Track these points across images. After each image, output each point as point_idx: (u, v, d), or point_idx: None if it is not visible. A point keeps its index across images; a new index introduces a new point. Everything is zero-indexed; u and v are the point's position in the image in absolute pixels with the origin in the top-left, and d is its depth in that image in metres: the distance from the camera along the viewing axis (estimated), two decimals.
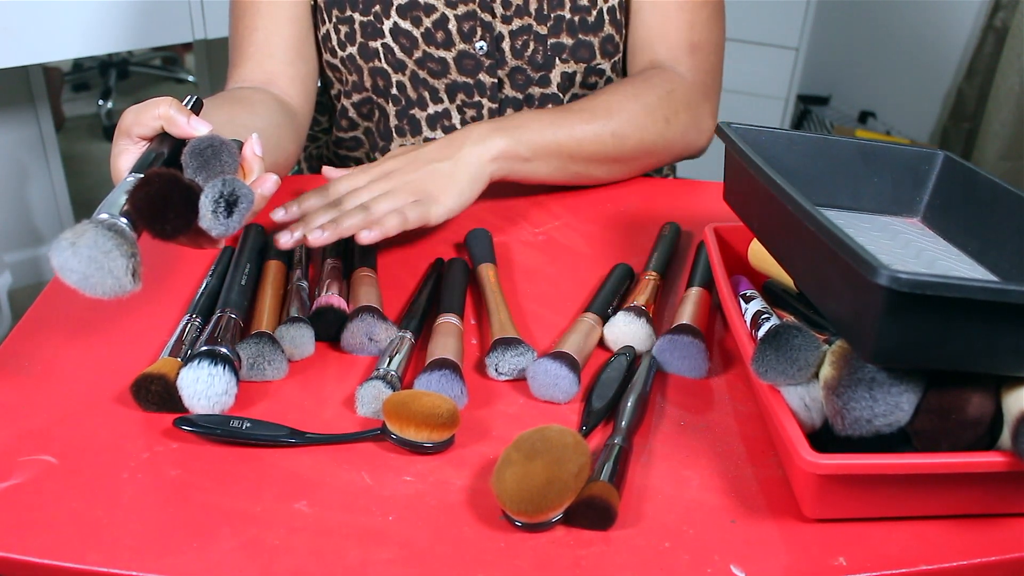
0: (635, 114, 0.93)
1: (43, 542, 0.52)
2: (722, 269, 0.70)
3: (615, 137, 0.92)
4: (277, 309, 0.72)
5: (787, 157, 0.73)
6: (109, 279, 0.55)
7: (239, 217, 0.59)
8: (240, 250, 0.78)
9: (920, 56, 2.84)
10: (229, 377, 0.61)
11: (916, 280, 0.47)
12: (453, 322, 0.70)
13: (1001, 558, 0.54)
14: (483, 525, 0.54)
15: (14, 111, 2.14)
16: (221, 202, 0.58)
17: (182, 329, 0.68)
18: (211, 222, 0.58)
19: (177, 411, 0.61)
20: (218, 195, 0.58)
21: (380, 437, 0.60)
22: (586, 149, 0.91)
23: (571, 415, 0.64)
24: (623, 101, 0.93)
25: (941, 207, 0.74)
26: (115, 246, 0.54)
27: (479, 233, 0.84)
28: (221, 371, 0.60)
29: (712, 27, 1.00)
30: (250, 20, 0.95)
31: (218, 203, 0.58)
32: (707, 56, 1.00)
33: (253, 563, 0.51)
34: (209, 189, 0.58)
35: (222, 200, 0.58)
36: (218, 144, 0.63)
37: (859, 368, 0.52)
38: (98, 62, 3.49)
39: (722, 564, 0.52)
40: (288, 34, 0.96)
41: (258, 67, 0.95)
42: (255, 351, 0.65)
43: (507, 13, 0.96)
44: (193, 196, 0.58)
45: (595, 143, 0.92)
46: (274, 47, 0.96)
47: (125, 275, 0.55)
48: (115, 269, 0.54)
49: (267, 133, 0.80)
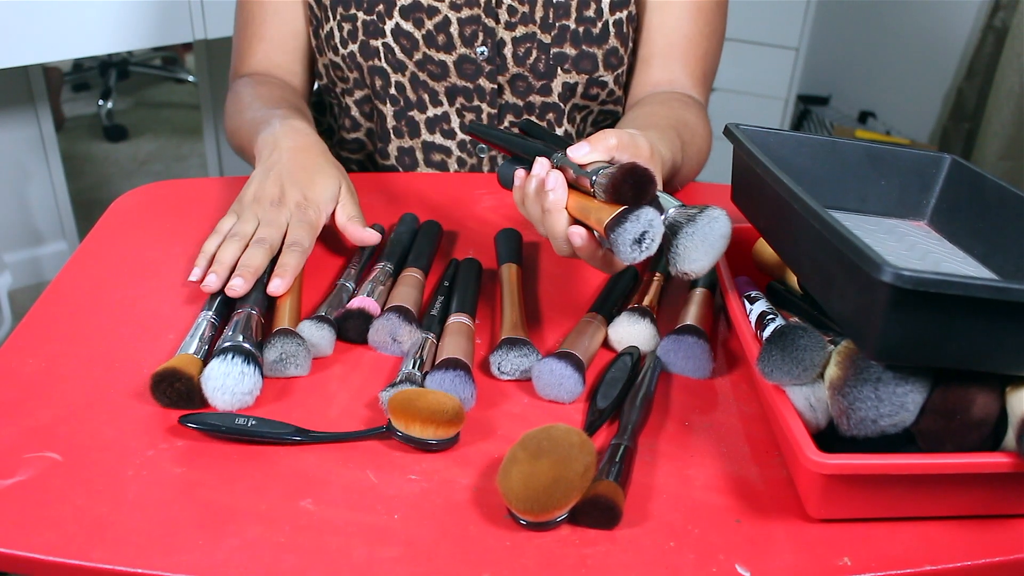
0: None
1: (48, 539, 0.52)
2: (727, 270, 0.70)
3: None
4: (298, 306, 0.72)
5: (795, 159, 0.73)
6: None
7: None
8: None
9: (920, 56, 2.84)
10: (257, 377, 0.62)
11: (919, 277, 0.47)
12: (465, 322, 0.70)
13: (1005, 559, 0.54)
14: (489, 524, 0.54)
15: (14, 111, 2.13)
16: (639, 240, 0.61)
17: (201, 327, 0.68)
18: (628, 255, 0.61)
19: (191, 409, 0.62)
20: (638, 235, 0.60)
21: (385, 436, 0.60)
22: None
23: (576, 415, 0.64)
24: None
25: (948, 210, 0.74)
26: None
27: (509, 233, 0.85)
28: (252, 371, 0.61)
29: (718, 55, 1.03)
30: (255, 30, 1.02)
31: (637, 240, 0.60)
32: (710, 84, 1.03)
33: (258, 561, 0.51)
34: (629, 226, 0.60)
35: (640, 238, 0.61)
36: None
37: (865, 368, 0.52)
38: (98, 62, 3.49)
39: (727, 564, 0.52)
40: (293, 30, 1.02)
41: (266, 58, 1.02)
42: (283, 349, 0.65)
43: (511, 20, 0.96)
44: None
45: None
46: (281, 41, 1.02)
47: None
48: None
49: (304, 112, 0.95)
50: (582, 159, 0.65)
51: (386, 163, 1.04)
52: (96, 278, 0.77)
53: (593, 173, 0.63)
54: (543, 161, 0.67)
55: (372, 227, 0.82)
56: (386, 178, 0.99)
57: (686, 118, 0.89)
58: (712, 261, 0.62)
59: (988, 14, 2.59)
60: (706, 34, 0.98)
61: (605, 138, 0.66)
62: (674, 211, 0.62)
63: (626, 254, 0.60)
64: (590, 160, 0.65)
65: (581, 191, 0.65)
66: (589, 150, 0.65)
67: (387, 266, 0.78)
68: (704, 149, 0.94)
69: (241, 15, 1.03)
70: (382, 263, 0.78)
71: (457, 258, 0.82)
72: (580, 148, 0.65)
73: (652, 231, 0.60)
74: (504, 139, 0.77)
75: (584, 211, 0.63)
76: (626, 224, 0.59)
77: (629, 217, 0.60)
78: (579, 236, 0.64)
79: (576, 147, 0.65)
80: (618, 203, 0.61)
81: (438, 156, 1.03)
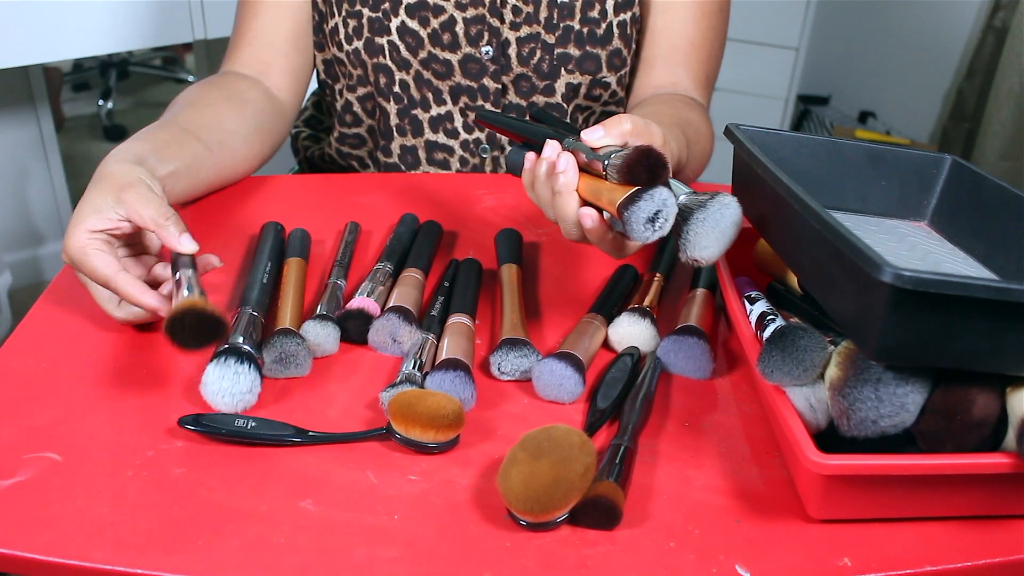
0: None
1: (48, 539, 0.52)
2: (727, 270, 0.70)
3: None
4: (300, 306, 0.72)
5: (795, 159, 0.73)
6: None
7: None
8: (260, 249, 0.78)
9: (920, 56, 2.84)
10: (253, 375, 0.62)
11: (919, 277, 0.47)
12: (465, 322, 0.70)
13: (1005, 559, 0.54)
14: (489, 524, 0.54)
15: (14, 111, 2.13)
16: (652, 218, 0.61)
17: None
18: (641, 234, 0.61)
19: (214, 340, 0.61)
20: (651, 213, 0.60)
21: (385, 436, 0.60)
22: None
23: (576, 415, 0.64)
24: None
25: (948, 211, 0.74)
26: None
27: (509, 233, 0.85)
28: (246, 369, 0.61)
29: (720, 57, 1.02)
30: (254, 7, 0.99)
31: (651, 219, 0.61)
32: (712, 87, 1.03)
33: (258, 561, 0.51)
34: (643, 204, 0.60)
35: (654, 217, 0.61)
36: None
37: (865, 369, 0.52)
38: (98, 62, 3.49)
39: (727, 564, 0.52)
40: (289, 25, 1.00)
41: (255, 55, 0.99)
42: (282, 349, 0.65)
43: (516, 20, 0.96)
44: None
45: None
46: (274, 36, 0.99)
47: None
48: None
49: (250, 139, 0.93)
50: (596, 142, 0.65)
51: (388, 161, 1.04)
52: None
53: (606, 156, 0.63)
54: (554, 144, 0.67)
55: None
56: (386, 178, 0.99)
57: (690, 118, 0.89)
58: (722, 248, 0.62)
59: (988, 14, 2.59)
60: (709, 37, 0.99)
61: (620, 123, 0.66)
62: (685, 197, 0.62)
63: (639, 232, 0.60)
64: (603, 144, 0.65)
65: (592, 175, 0.65)
66: (603, 134, 0.65)
67: (387, 266, 0.77)
68: (707, 150, 0.94)
69: (240, 9, 1.01)
70: (382, 263, 0.78)
71: (457, 258, 0.81)
72: (595, 132, 0.65)
73: (665, 211, 0.60)
74: (514, 125, 0.77)
75: (596, 193, 0.64)
76: (640, 203, 0.60)
77: (643, 196, 0.60)
78: (590, 218, 0.64)
79: (591, 131, 0.66)
80: (631, 184, 0.61)
81: (441, 155, 1.03)
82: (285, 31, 0.99)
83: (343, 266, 0.78)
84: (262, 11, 0.98)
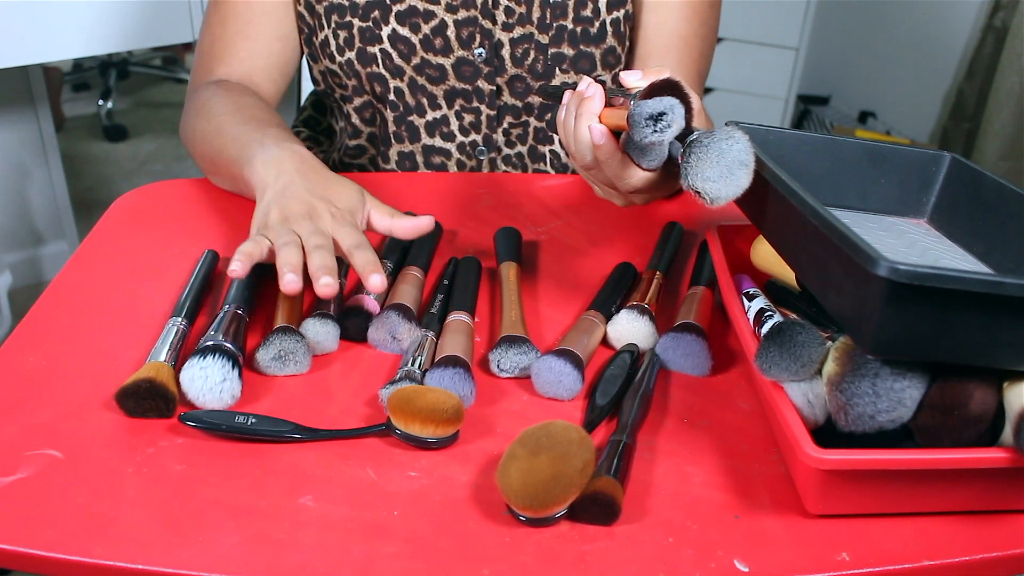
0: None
1: (49, 536, 0.52)
2: (725, 267, 0.70)
3: None
4: (300, 303, 0.72)
5: (794, 157, 0.73)
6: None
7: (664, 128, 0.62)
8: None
9: (920, 56, 2.84)
10: (221, 363, 0.61)
11: (915, 271, 0.47)
12: (464, 320, 0.70)
13: (1003, 554, 0.54)
14: (488, 520, 0.54)
15: (14, 111, 2.13)
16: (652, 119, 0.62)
17: (172, 332, 0.67)
18: (643, 134, 0.62)
19: (170, 414, 0.61)
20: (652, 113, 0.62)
21: (385, 433, 0.60)
22: None
23: (575, 412, 0.64)
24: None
25: (947, 208, 0.74)
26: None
27: (508, 231, 0.85)
28: (213, 362, 0.61)
29: (712, 54, 1.04)
30: (240, 27, 0.97)
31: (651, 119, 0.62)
32: (704, 83, 1.04)
33: (258, 557, 0.51)
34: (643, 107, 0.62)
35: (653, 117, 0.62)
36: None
37: (862, 364, 0.52)
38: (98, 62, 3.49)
39: (726, 559, 0.52)
40: (275, 52, 0.99)
41: (247, 63, 0.98)
42: (281, 346, 0.65)
43: (509, 21, 0.96)
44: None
45: None
46: (261, 61, 0.98)
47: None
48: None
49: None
50: (633, 83, 0.68)
51: (387, 167, 1.04)
52: (96, 278, 0.77)
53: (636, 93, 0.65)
54: (587, 79, 0.72)
55: (406, 214, 0.79)
56: (386, 178, 1.00)
57: None
58: (727, 187, 0.59)
59: (988, 14, 2.59)
60: (701, 35, 0.99)
61: (660, 72, 0.68)
62: (697, 132, 0.61)
63: (640, 128, 0.61)
64: (637, 86, 0.67)
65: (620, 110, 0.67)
66: (641, 76, 0.69)
67: (387, 264, 0.78)
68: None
69: (217, 14, 0.98)
70: (382, 261, 0.78)
71: (457, 257, 0.82)
72: (633, 73, 0.69)
73: (671, 116, 0.61)
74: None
75: (617, 117, 0.66)
76: (649, 101, 0.61)
77: (654, 96, 0.62)
78: (600, 133, 0.67)
79: (630, 72, 0.69)
80: None
81: (438, 159, 1.03)
82: (271, 58, 0.99)
83: (343, 264, 0.78)
84: (252, 34, 0.97)
